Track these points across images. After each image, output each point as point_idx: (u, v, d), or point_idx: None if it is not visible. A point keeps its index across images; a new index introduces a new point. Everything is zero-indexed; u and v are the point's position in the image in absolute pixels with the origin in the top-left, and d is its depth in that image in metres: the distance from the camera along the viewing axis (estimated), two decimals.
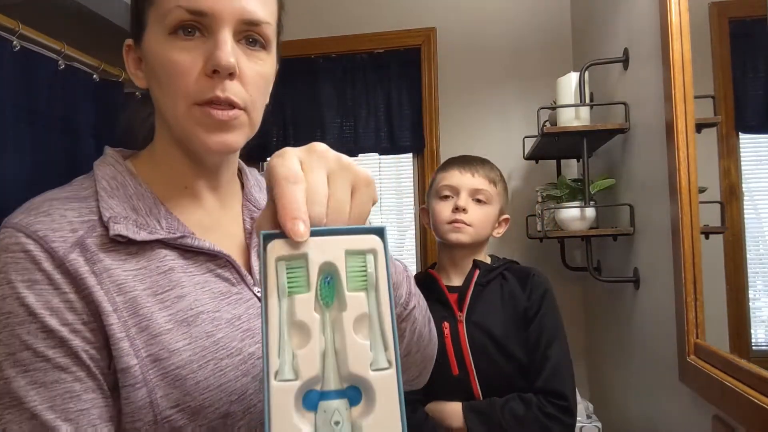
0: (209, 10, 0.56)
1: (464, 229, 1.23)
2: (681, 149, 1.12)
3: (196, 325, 0.57)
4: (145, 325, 0.55)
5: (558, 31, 2.22)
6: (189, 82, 0.57)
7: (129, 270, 0.57)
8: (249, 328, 0.61)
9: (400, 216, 2.45)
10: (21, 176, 1.49)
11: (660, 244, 1.29)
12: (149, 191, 0.62)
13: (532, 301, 1.22)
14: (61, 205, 0.58)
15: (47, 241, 0.54)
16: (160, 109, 0.62)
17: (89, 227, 0.56)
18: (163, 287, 0.58)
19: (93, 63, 1.76)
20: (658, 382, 1.35)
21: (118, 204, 0.59)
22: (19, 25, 1.45)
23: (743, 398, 0.85)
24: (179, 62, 0.57)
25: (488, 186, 1.26)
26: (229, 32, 0.57)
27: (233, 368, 0.58)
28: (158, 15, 0.59)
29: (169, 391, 0.54)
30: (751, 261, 0.96)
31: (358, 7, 2.38)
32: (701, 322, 1.09)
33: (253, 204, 0.71)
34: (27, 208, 0.58)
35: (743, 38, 0.99)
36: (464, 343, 1.19)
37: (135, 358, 0.54)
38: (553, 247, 2.09)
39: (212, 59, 0.56)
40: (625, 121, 1.54)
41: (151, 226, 0.59)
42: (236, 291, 0.62)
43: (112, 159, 0.65)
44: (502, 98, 2.26)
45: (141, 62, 0.64)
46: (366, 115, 2.36)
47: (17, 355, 0.52)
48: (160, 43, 0.58)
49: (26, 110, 1.52)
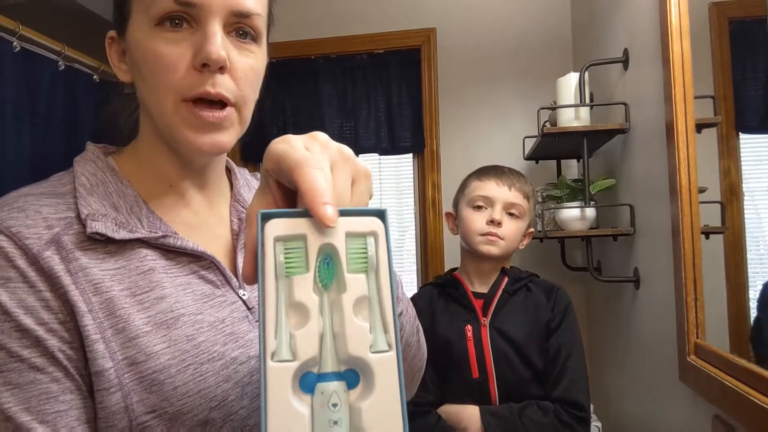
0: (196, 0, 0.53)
1: (497, 243, 1.25)
2: (681, 149, 1.12)
3: (177, 327, 0.55)
4: (121, 327, 0.52)
5: (558, 31, 2.22)
6: (177, 77, 0.54)
7: (106, 269, 0.54)
8: (232, 332, 0.58)
9: (400, 216, 2.45)
10: (21, 176, 1.49)
11: (660, 244, 1.29)
12: (131, 189, 0.59)
13: (555, 313, 1.25)
14: (36, 200, 0.55)
15: (20, 238, 0.51)
16: (145, 104, 0.60)
17: (66, 224, 0.54)
18: (142, 288, 0.55)
19: (93, 64, 1.76)
20: (658, 382, 1.35)
21: (97, 201, 0.56)
22: (19, 25, 1.45)
23: (743, 398, 0.85)
24: (166, 55, 0.54)
25: (523, 200, 1.28)
26: (218, 24, 0.54)
27: (214, 373, 0.55)
28: (143, 5, 0.55)
29: (145, 396, 0.52)
30: (751, 261, 0.96)
31: (358, 8, 2.38)
32: (701, 322, 1.09)
33: (241, 204, 0.69)
34: (2, 203, 0.54)
35: (743, 38, 0.99)
36: (487, 348, 1.21)
37: (110, 361, 0.51)
38: (553, 247, 2.09)
39: (202, 52, 0.53)
40: (625, 121, 1.54)
41: (132, 224, 0.56)
42: (220, 293, 0.60)
43: (92, 155, 0.61)
44: (502, 98, 2.26)
45: (124, 54, 0.61)
46: (366, 115, 2.36)
47: None
48: (145, 35, 0.55)
49: (26, 111, 1.52)
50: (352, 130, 2.37)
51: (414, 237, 2.42)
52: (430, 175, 2.31)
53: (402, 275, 2.44)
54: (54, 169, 0.62)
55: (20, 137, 1.50)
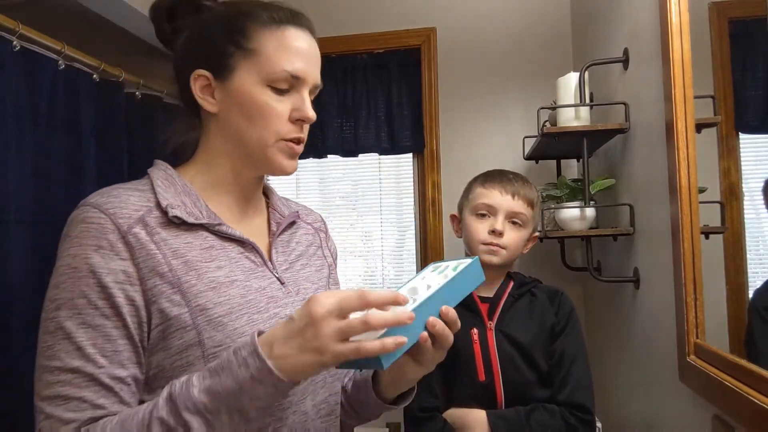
0: (304, 76, 0.79)
1: (498, 252, 1.24)
2: (681, 149, 1.12)
3: (233, 288, 0.75)
4: (194, 282, 0.72)
5: (558, 31, 2.22)
6: (281, 124, 0.78)
7: (181, 242, 0.74)
8: (272, 296, 0.79)
9: (400, 216, 2.45)
10: (22, 176, 1.49)
11: (660, 244, 1.29)
12: (193, 190, 0.80)
13: (559, 317, 1.26)
14: (126, 192, 0.75)
15: (116, 217, 0.70)
16: (241, 136, 0.79)
17: (148, 210, 0.74)
18: (206, 258, 0.75)
19: (93, 63, 1.76)
20: (658, 382, 1.35)
21: (171, 196, 0.76)
22: (19, 25, 1.45)
23: (743, 398, 0.85)
24: (276, 109, 0.77)
25: (526, 209, 1.26)
26: (307, 92, 0.81)
27: (262, 321, 0.75)
28: (258, 68, 0.77)
29: (213, 334, 0.71)
30: (751, 261, 0.96)
31: (358, 7, 2.38)
32: (701, 322, 1.09)
33: (279, 213, 0.91)
34: (100, 193, 0.74)
35: (743, 38, 0.99)
36: (493, 351, 1.21)
37: (186, 307, 0.71)
38: (553, 247, 2.09)
39: (302, 112, 0.79)
40: (625, 121, 1.54)
41: (196, 214, 0.77)
42: (260, 270, 0.80)
43: (162, 166, 0.82)
44: (502, 98, 2.26)
45: (211, 90, 0.79)
46: (366, 115, 2.36)
47: (74, 301, 0.67)
48: (256, 89, 0.77)
49: (26, 110, 1.52)
50: (352, 130, 2.37)
51: (414, 237, 2.42)
52: (430, 175, 2.31)
53: (402, 275, 2.44)
54: (54, 169, 0.67)
55: (20, 136, 1.50)
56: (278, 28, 0.78)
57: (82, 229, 0.70)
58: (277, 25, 0.78)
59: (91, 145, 1.73)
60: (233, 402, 0.63)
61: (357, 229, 2.47)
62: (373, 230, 2.46)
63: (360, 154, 2.40)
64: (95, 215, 0.70)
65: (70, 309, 0.67)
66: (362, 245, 2.46)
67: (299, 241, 0.92)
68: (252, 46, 0.77)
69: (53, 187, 1.61)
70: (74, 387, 0.66)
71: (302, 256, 0.90)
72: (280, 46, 0.77)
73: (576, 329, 1.27)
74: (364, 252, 2.46)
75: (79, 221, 0.70)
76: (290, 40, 0.78)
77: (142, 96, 2.04)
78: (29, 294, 1.48)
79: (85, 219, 0.70)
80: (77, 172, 1.68)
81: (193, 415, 0.63)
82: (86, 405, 0.66)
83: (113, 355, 0.68)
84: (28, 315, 1.47)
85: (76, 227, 0.71)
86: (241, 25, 0.78)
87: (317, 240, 0.97)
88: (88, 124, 1.73)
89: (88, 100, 1.74)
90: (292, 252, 0.89)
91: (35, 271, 1.51)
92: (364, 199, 2.47)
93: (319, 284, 0.90)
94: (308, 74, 0.79)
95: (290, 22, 0.80)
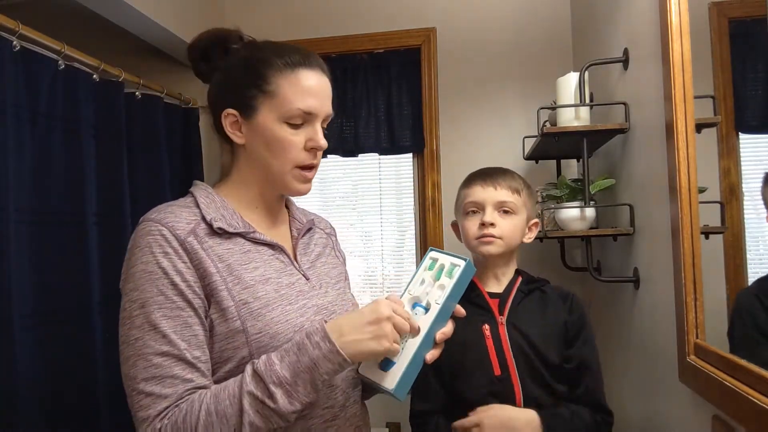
0: (315, 112, 0.93)
1: (494, 242, 1.24)
2: (681, 149, 1.12)
3: (268, 284, 0.91)
4: (237, 281, 0.88)
5: (558, 31, 2.22)
6: (296, 154, 0.93)
7: (224, 248, 0.90)
8: (300, 290, 0.95)
9: (400, 216, 2.45)
10: (22, 175, 1.49)
11: (660, 244, 1.29)
12: (230, 206, 0.96)
13: (572, 317, 1.26)
14: (178, 209, 0.91)
15: (175, 229, 0.86)
16: (265, 164, 0.95)
17: (196, 222, 0.90)
18: (245, 261, 0.91)
19: (93, 63, 1.76)
20: (658, 382, 1.35)
21: (213, 211, 0.93)
22: (19, 25, 1.45)
23: (743, 398, 0.85)
24: (292, 141, 0.93)
25: (512, 197, 1.26)
26: (320, 123, 0.95)
27: (293, 311, 0.91)
28: (276, 107, 0.91)
29: (254, 323, 0.86)
30: (751, 261, 0.96)
31: (358, 7, 2.38)
32: (701, 322, 1.09)
33: (298, 221, 1.07)
34: (157, 210, 0.89)
35: (743, 38, 0.99)
36: (506, 345, 1.20)
37: (231, 301, 0.86)
38: (553, 247, 2.09)
39: (315, 141, 0.94)
40: (625, 121, 1.54)
41: (234, 225, 0.93)
42: (289, 269, 0.97)
43: (202, 186, 0.98)
44: (502, 98, 2.26)
45: (239, 126, 0.95)
46: (366, 115, 2.36)
47: (154, 298, 0.82)
48: (276, 126, 0.92)
49: (26, 110, 1.52)
50: (352, 130, 2.37)
51: (414, 237, 2.42)
52: (430, 174, 2.31)
53: (402, 275, 2.44)
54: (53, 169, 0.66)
55: (20, 136, 1.50)
56: (292, 72, 0.92)
57: (150, 240, 0.85)
58: (290, 69, 0.92)
59: (90, 145, 1.73)
60: (308, 376, 0.80)
61: (357, 229, 2.47)
62: (373, 230, 2.46)
63: (360, 154, 2.40)
64: (158, 228, 0.86)
65: (152, 305, 0.82)
66: (362, 245, 2.46)
67: (316, 243, 1.08)
68: (271, 89, 0.91)
69: (53, 187, 1.61)
70: (166, 368, 0.81)
71: (321, 256, 1.07)
72: (294, 87, 0.91)
73: (592, 335, 1.27)
74: (364, 252, 2.46)
75: (145, 234, 0.86)
76: (302, 81, 0.92)
77: (142, 96, 2.04)
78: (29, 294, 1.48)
79: (150, 232, 0.86)
80: (77, 172, 1.68)
81: (277, 387, 0.78)
82: (178, 380, 0.81)
83: (192, 339, 0.83)
84: (28, 314, 1.47)
85: (143, 239, 0.85)
86: (262, 71, 0.92)
87: (330, 242, 1.14)
88: (87, 124, 1.73)
89: (88, 100, 1.74)
90: (312, 252, 1.05)
91: (35, 271, 1.51)
92: (364, 199, 2.47)
93: (337, 279, 1.06)
94: (319, 109, 0.94)
95: (302, 65, 0.93)
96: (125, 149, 1.89)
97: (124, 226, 1.83)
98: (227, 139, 0.97)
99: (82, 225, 1.68)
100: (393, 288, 2.45)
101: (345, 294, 1.06)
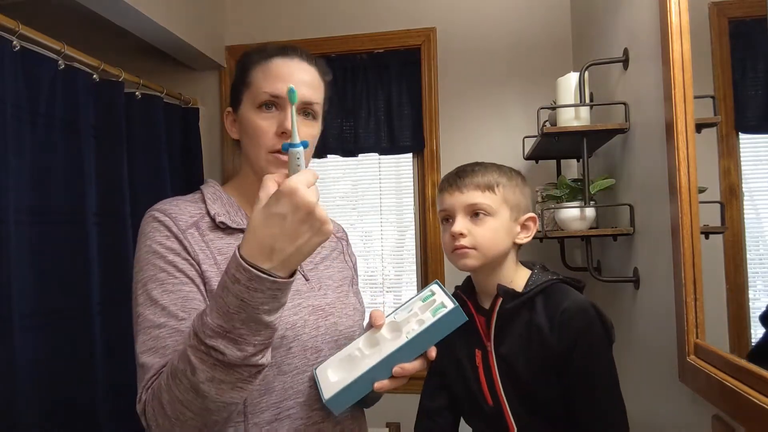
0: (281, 94, 0.91)
1: (469, 254, 1.06)
2: (681, 149, 1.12)
3: None
4: None
5: (558, 31, 2.22)
6: (266, 139, 0.91)
7: (225, 243, 0.91)
8: (297, 290, 0.93)
9: (400, 216, 2.45)
10: (22, 175, 1.49)
11: (660, 244, 1.29)
12: (235, 202, 0.98)
13: (561, 345, 1.02)
14: (183, 203, 0.94)
15: (176, 220, 0.89)
16: (247, 154, 0.95)
17: (200, 216, 0.92)
18: None
19: (93, 63, 1.76)
20: (658, 382, 1.35)
21: (218, 207, 0.95)
22: (19, 25, 1.45)
23: (743, 398, 0.85)
24: (262, 126, 0.91)
25: (482, 196, 1.07)
26: (293, 109, 0.83)
27: (287, 309, 0.88)
28: (251, 95, 0.93)
29: None
30: (751, 261, 0.96)
31: (359, 7, 2.38)
32: (701, 322, 1.09)
33: None
34: (164, 202, 0.93)
35: (743, 38, 0.99)
36: (495, 375, 1.07)
37: None
38: (553, 247, 2.09)
39: (282, 126, 0.90)
40: (625, 121, 1.54)
41: (237, 221, 0.95)
42: None
43: (212, 182, 1.02)
44: (502, 98, 2.26)
45: (236, 122, 0.98)
46: (366, 115, 2.36)
47: (156, 275, 0.85)
48: (250, 113, 0.93)
49: (26, 110, 1.52)
50: (352, 129, 2.37)
51: (414, 236, 2.42)
52: (430, 174, 2.31)
53: (402, 275, 2.44)
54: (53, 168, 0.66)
55: (20, 136, 1.50)
56: (266, 62, 0.94)
57: (154, 226, 0.88)
58: (265, 59, 0.94)
59: (90, 144, 1.73)
60: (243, 315, 0.70)
61: (357, 229, 2.47)
62: (373, 230, 2.46)
63: (360, 154, 2.40)
64: (162, 217, 0.89)
65: (153, 282, 0.84)
66: (362, 245, 2.46)
67: (324, 246, 1.05)
68: (249, 80, 0.94)
69: (53, 187, 1.61)
70: (161, 339, 0.81)
71: (326, 259, 1.05)
72: (264, 73, 0.93)
73: (592, 357, 1.03)
74: (364, 252, 2.46)
75: (150, 221, 0.90)
76: (273, 68, 0.93)
77: (142, 96, 2.04)
78: (29, 293, 1.48)
79: (155, 219, 0.89)
80: (77, 172, 1.68)
81: (215, 339, 0.70)
82: (170, 350, 0.80)
83: (193, 311, 0.82)
84: (28, 314, 1.47)
85: (148, 226, 0.89)
86: (245, 66, 0.96)
87: (339, 246, 1.13)
88: (87, 123, 1.73)
89: (88, 100, 1.74)
90: (317, 255, 1.03)
91: (35, 271, 1.51)
92: (364, 199, 2.47)
93: (341, 283, 1.04)
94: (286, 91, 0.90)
95: (276, 54, 0.94)
96: (125, 149, 1.89)
97: (124, 226, 1.83)
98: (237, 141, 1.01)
99: (82, 225, 1.68)
100: (393, 288, 2.45)
101: (347, 298, 1.02)
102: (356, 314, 1.02)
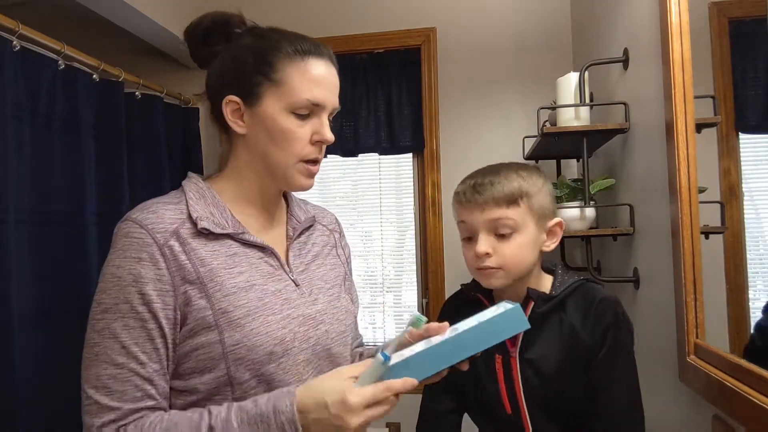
0: (323, 103, 0.87)
1: (495, 274, 1.02)
2: (681, 149, 1.12)
3: (251, 292, 0.84)
4: (218, 287, 0.82)
5: (558, 31, 2.22)
6: (302, 147, 0.87)
7: (208, 251, 0.84)
8: (287, 298, 0.88)
9: (400, 216, 2.45)
10: (21, 175, 1.49)
11: (660, 244, 1.29)
12: (221, 202, 0.89)
13: (595, 338, 1.01)
14: (162, 207, 0.84)
15: (153, 232, 0.80)
16: (266, 156, 0.88)
17: (181, 222, 0.84)
18: (230, 264, 0.85)
19: (93, 63, 1.76)
20: (658, 382, 1.35)
21: (201, 208, 0.86)
22: (19, 25, 1.45)
23: (743, 398, 0.85)
24: (297, 133, 0.86)
25: (506, 212, 1.00)
26: (326, 116, 0.89)
27: (275, 323, 0.84)
28: (282, 96, 0.85)
29: (232, 333, 0.81)
30: (751, 261, 0.96)
31: (359, 8, 2.38)
32: (701, 322, 1.09)
33: (296, 219, 1.00)
34: (140, 208, 0.84)
35: (743, 38, 0.99)
36: (517, 383, 1.03)
37: (209, 310, 0.81)
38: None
39: (322, 135, 0.88)
40: (625, 121, 1.54)
41: (223, 224, 0.87)
42: (278, 274, 0.90)
43: (195, 179, 0.92)
44: (502, 98, 2.26)
45: (241, 114, 0.88)
46: (366, 115, 2.36)
47: (119, 306, 0.78)
48: (281, 116, 0.86)
49: (26, 110, 1.52)
50: (352, 129, 2.37)
51: (414, 236, 2.42)
52: (430, 174, 2.31)
53: (402, 275, 2.44)
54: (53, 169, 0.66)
55: (19, 136, 1.50)
56: (301, 60, 0.86)
57: (125, 242, 0.80)
58: (300, 57, 0.86)
59: (90, 145, 1.73)
60: None
61: (357, 229, 2.47)
62: (373, 230, 2.46)
63: (360, 154, 2.40)
64: (136, 230, 0.81)
65: (115, 313, 0.78)
66: (362, 245, 2.46)
67: (315, 242, 1.01)
68: (278, 77, 0.85)
69: (53, 187, 1.61)
70: (118, 380, 0.77)
71: (318, 257, 1.00)
72: (303, 76, 0.86)
73: (617, 351, 1.02)
74: (364, 252, 2.46)
75: (123, 235, 0.81)
76: (311, 70, 0.86)
77: (141, 96, 2.04)
78: (29, 294, 1.48)
79: (127, 233, 0.81)
80: (77, 172, 1.68)
81: None
82: (128, 396, 0.77)
83: (152, 353, 0.79)
84: (28, 314, 1.47)
85: (120, 240, 0.81)
86: (269, 58, 0.86)
87: (332, 240, 1.07)
88: (87, 124, 1.73)
89: (88, 100, 1.74)
90: (308, 253, 0.98)
91: (34, 271, 1.51)
92: (364, 199, 2.47)
93: (333, 284, 0.99)
94: (327, 100, 0.88)
95: (312, 53, 0.87)
96: (125, 149, 1.89)
97: None
98: (226, 129, 0.91)
99: (82, 225, 1.68)
100: (393, 288, 2.45)
101: (338, 301, 0.97)
102: (348, 317, 0.98)
